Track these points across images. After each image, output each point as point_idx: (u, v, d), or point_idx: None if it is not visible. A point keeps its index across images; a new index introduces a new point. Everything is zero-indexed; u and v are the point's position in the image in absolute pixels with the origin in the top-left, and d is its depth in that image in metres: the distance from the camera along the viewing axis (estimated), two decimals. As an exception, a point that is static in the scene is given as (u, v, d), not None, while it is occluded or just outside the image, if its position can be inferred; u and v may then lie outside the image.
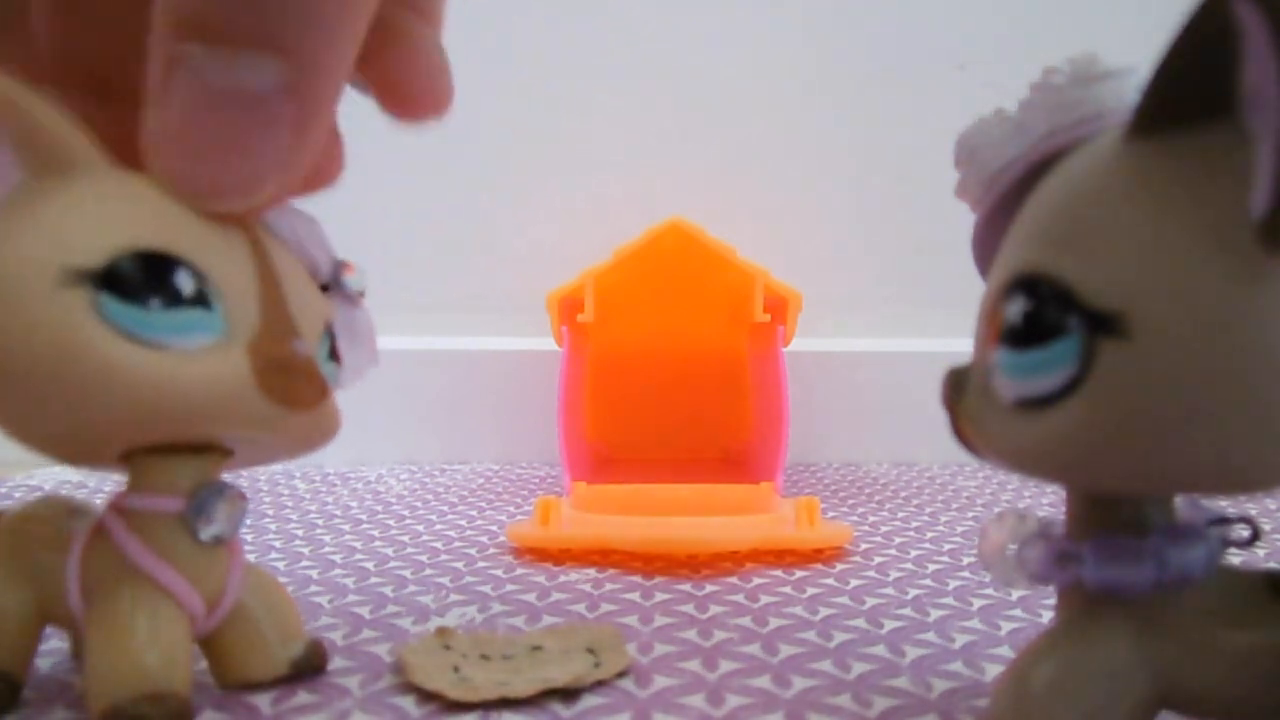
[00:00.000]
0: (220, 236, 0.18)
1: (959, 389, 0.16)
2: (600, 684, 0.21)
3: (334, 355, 0.21)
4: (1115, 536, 0.15)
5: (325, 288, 0.21)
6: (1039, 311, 0.13)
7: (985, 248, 0.17)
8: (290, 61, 0.15)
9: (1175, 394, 0.12)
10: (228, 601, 0.20)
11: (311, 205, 0.23)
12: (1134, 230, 0.12)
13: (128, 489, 0.19)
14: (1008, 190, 0.16)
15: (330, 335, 0.21)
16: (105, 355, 0.16)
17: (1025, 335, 0.13)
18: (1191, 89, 0.12)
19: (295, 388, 0.18)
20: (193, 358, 0.17)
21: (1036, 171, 0.15)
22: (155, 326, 0.16)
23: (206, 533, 0.19)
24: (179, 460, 0.19)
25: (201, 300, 0.17)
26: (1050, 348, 0.13)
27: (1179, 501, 0.16)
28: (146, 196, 0.18)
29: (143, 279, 0.16)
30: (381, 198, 0.56)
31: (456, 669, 0.22)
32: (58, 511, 0.21)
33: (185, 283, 0.17)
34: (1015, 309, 0.14)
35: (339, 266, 0.22)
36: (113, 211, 0.17)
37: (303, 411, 0.18)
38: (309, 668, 0.22)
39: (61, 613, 0.20)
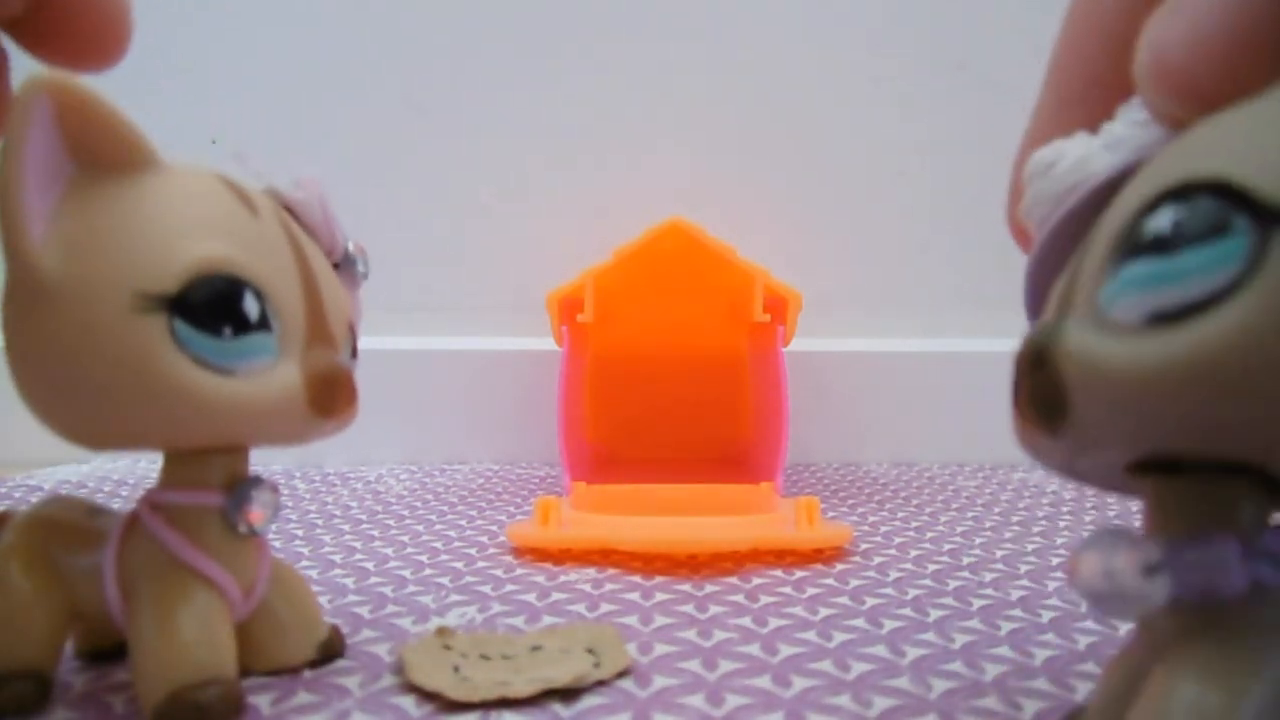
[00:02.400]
0: (265, 233, 0.18)
1: (1045, 350, 0.14)
2: (600, 684, 0.21)
3: (353, 352, 0.22)
4: (1204, 533, 0.13)
5: (336, 265, 0.22)
6: (1196, 214, 0.12)
7: (1044, 273, 0.16)
8: None
9: None
10: (259, 589, 0.21)
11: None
12: None
13: (161, 484, 0.20)
14: (1077, 209, 0.15)
15: (353, 334, 0.21)
16: (181, 381, 0.16)
17: (1176, 241, 0.12)
18: None
19: (336, 399, 0.19)
20: (256, 379, 0.18)
21: (1105, 194, 0.14)
22: (227, 354, 0.17)
23: (246, 524, 0.20)
24: (214, 456, 0.20)
25: (264, 323, 0.18)
26: (1209, 247, 0.11)
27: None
28: (204, 196, 0.18)
29: (216, 307, 0.17)
30: (381, 198, 0.56)
31: (456, 669, 0.22)
32: (76, 511, 0.21)
33: (252, 307, 0.17)
34: (1164, 218, 0.12)
35: (353, 249, 0.22)
36: (179, 224, 0.17)
37: (339, 418, 0.20)
38: (333, 651, 0.23)
39: (92, 610, 0.20)
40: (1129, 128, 0.15)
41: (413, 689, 0.21)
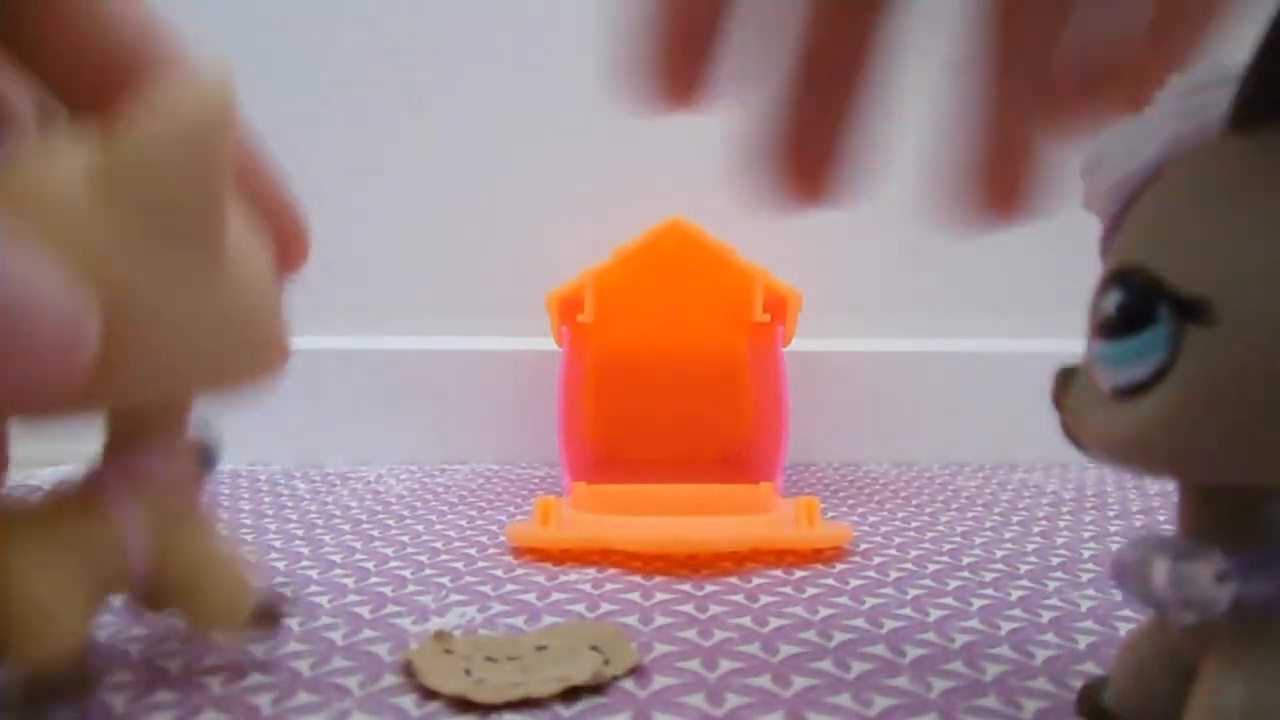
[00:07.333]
0: None
1: (1066, 385, 0.16)
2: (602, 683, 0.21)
3: None
4: (1260, 545, 0.14)
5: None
6: (1132, 302, 0.14)
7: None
8: None
9: (1260, 379, 0.12)
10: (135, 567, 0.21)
11: (312, 205, 0.23)
12: (1222, 219, 0.13)
13: None
14: (1131, 198, 0.16)
15: None
16: None
17: (1119, 326, 0.14)
18: None
19: None
20: None
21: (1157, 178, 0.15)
22: None
23: None
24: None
25: None
26: (1141, 336, 0.13)
27: None
28: None
29: None
30: (381, 198, 0.56)
31: (468, 672, 0.22)
32: None
33: None
34: (1110, 301, 0.14)
35: None
36: None
37: None
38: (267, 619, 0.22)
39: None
40: (1149, 119, 0.15)
41: (414, 689, 0.21)
